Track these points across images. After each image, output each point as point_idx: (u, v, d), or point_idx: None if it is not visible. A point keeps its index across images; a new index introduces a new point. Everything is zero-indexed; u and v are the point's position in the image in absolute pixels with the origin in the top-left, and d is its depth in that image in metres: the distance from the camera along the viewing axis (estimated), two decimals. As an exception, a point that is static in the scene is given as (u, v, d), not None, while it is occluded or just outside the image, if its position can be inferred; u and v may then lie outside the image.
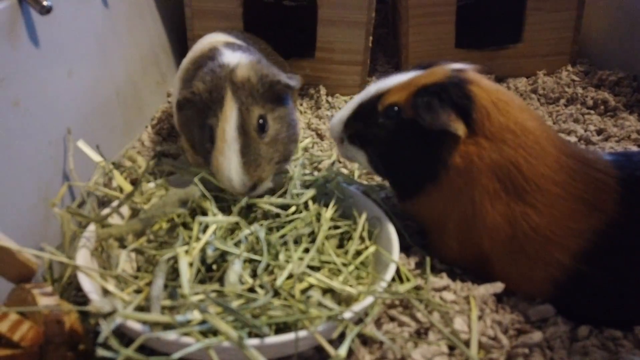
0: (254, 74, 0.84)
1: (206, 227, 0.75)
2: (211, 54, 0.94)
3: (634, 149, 1.10)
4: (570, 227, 0.71)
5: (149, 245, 0.76)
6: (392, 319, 0.74)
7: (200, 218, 0.75)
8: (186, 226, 0.80)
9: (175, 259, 0.70)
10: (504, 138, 0.73)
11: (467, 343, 0.68)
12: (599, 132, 1.23)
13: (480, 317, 0.73)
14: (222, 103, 0.81)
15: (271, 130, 0.84)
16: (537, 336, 0.68)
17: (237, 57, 0.89)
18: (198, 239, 0.73)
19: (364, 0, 1.42)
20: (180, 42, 1.55)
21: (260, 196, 0.85)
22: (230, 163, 0.79)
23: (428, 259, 0.85)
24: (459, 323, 0.71)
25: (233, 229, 0.80)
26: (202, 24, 1.44)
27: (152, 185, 0.87)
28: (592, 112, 1.32)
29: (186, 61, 1.06)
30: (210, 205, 0.80)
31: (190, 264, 0.69)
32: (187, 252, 0.71)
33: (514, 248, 0.74)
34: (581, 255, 0.70)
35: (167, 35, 1.54)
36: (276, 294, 0.68)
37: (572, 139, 1.21)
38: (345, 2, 1.43)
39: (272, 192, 0.88)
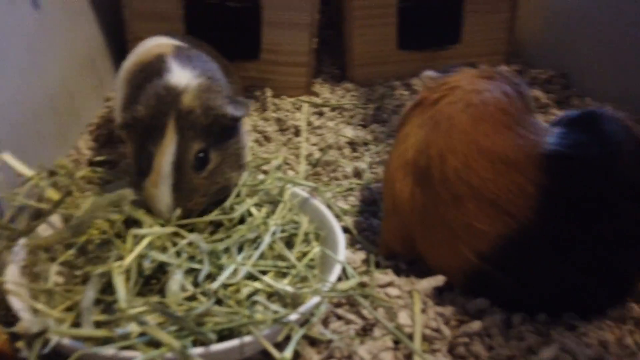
0: (199, 103, 0.82)
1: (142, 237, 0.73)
2: (158, 66, 0.90)
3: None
4: (476, 228, 0.71)
5: (80, 259, 0.73)
6: (339, 317, 0.75)
7: (134, 231, 0.73)
8: (120, 236, 0.77)
9: (109, 274, 0.67)
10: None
11: (411, 336, 0.70)
12: (532, 128, 1.29)
13: (423, 310, 0.75)
14: (163, 133, 0.80)
15: (211, 165, 0.82)
16: (476, 325, 0.71)
17: (185, 78, 0.85)
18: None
19: (307, 2, 1.43)
20: (118, 45, 1.50)
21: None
22: (161, 197, 0.79)
23: (372, 257, 0.86)
24: (403, 317, 0.73)
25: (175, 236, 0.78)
26: (141, 26, 1.40)
27: (88, 194, 0.84)
28: (525, 109, 1.39)
29: (130, 64, 1.02)
30: (145, 215, 0.78)
31: (127, 278, 0.67)
32: (121, 265, 0.69)
33: (431, 235, 0.77)
34: (485, 255, 0.71)
35: (105, 38, 1.49)
36: (221, 301, 0.67)
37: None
38: (289, 4, 1.44)
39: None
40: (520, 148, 0.72)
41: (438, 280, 0.80)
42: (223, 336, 0.64)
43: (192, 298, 0.67)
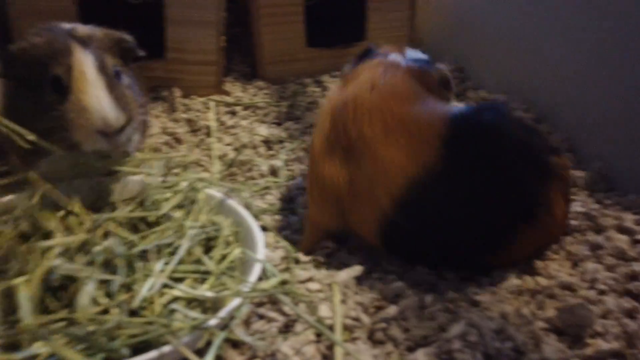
0: (98, 31, 0.85)
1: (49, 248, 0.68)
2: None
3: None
4: (391, 172, 0.79)
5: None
6: (261, 316, 0.75)
7: (41, 243, 0.68)
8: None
9: (10, 291, 0.62)
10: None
11: (332, 327, 0.72)
12: (435, 119, 1.38)
13: (343, 301, 0.77)
14: (70, 51, 0.78)
15: (126, 82, 0.84)
16: (392, 310, 0.75)
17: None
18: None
19: (212, 0, 1.40)
20: (3, 46, 1.37)
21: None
22: (100, 98, 0.75)
23: (293, 253, 0.88)
24: (324, 310, 0.75)
25: (85, 244, 0.74)
26: (30, 25, 1.29)
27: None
28: (428, 101, 1.47)
29: None
30: (53, 221, 0.73)
31: (31, 294, 0.62)
32: (27, 281, 0.64)
33: (357, 201, 0.83)
34: (396, 200, 0.78)
35: (-12, 38, 1.36)
36: (136, 312, 0.65)
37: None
38: (194, 1, 1.40)
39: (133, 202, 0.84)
40: (429, 112, 0.84)
41: (356, 270, 0.83)
42: (142, 348, 0.62)
43: (105, 311, 0.64)
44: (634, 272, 0.81)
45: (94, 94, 0.75)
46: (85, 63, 0.77)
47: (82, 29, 0.85)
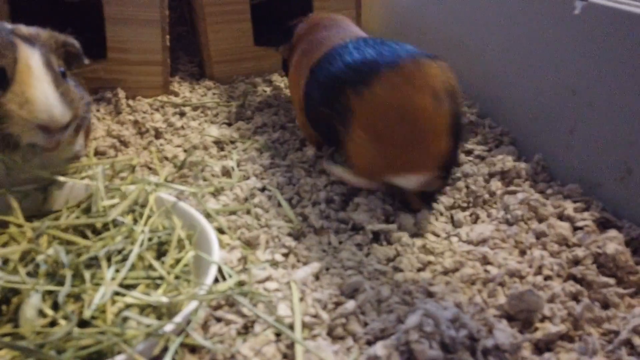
0: (42, 32, 0.84)
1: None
2: None
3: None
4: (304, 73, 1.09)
5: None
6: (218, 319, 0.74)
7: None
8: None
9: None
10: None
11: (291, 326, 0.72)
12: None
13: (301, 299, 0.77)
14: (15, 45, 0.76)
15: (71, 82, 0.83)
16: (350, 305, 0.75)
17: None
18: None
19: (154, -2, 1.36)
20: None
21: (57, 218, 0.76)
22: (45, 92, 0.73)
23: (249, 254, 0.86)
24: (282, 309, 0.74)
25: (29, 252, 0.70)
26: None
27: None
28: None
29: None
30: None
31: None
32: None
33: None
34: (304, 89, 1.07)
35: None
36: (86, 322, 0.61)
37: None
38: (134, -1, 1.35)
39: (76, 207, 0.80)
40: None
41: (313, 267, 0.83)
42: (95, 359, 0.59)
43: (53, 323, 0.61)
44: (576, 257, 0.86)
45: (40, 87, 0.73)
46: (32, 57, 0.76)
47: (26, 28, 0.83)
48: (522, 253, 0.90)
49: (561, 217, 0.97)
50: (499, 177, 1.10)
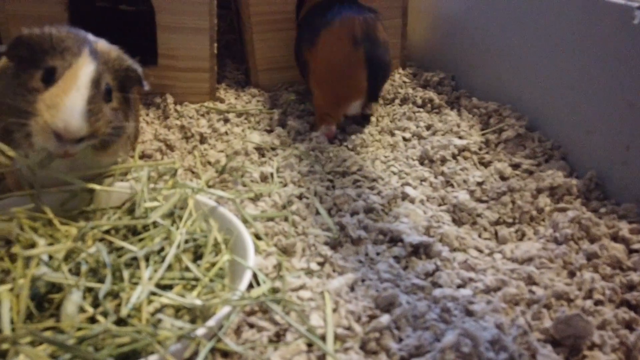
0: (114, 50, 0.89)
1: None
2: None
3: (456, 140, 1.25)
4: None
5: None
6: (251, 325, 0.73)
7: (25, 252, 0.66)
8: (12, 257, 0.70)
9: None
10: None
11: (323, 337, 0.70)
12: (428, 127, 1.37)
13: (335, 310, 0.75)
14: (79, 51, 0.80)
15: (114, 104, 0.86)
16: (385, 319, 0.73)
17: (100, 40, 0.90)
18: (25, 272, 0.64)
19: (204, 6, 1.40)
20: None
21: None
22: (74, 104, 0.75)
23: (284, 261, 0.86)
24: (315, 319, 0.73)
25: (73, 250, 0.72)
26: (19, 31, 1.27)
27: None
28: (421, 110, 1.47)
29: None
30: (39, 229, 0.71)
31: (15, 303, 0.60)
32: (11, 289, 0.62)
33: None
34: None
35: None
36: (124, 320, 0.63)
37: (407, 135, 1.33)
38: (185, 8, 1.39)
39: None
40: None
41: (348, 278, 0.82)
42: (126, 358, 0.60)
43: (92, 319, 0.62)
44: (630, 282, 0.80)
45: (73, 97, 0.75)
46: (84, 69, 0.78)
47: (102, 44, 0.87)
48: (571, 274, 0.85)
49: (615, 238, 0.91)
50: (548, 193, 1.05)
